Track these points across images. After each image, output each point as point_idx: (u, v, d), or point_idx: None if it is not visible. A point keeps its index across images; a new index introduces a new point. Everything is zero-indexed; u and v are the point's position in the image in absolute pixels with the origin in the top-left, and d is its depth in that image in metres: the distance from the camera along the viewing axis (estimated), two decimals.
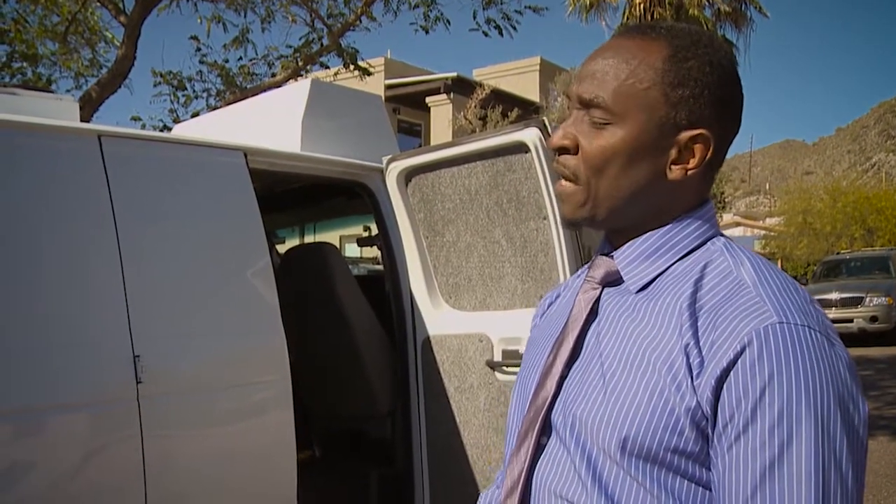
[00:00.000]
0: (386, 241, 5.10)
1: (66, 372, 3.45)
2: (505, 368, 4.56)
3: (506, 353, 4.56)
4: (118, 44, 11.84)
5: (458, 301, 4.86)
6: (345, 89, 5.98)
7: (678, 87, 1.34)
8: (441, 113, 28.14)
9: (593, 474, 1.31)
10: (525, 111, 26.46)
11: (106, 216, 3.67)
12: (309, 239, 7.66)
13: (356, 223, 7.66)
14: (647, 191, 1.38)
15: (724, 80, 1.37)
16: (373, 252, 8.53)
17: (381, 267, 7.12)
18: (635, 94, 1.35)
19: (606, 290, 1.45)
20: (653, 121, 1.35)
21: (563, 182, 1.43)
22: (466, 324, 4.77)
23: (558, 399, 1.40)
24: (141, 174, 3.89)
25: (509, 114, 25.48)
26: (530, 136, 4.25)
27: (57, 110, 4.53)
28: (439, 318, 4.89)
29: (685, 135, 1.35)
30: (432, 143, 25.79)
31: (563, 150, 1.41)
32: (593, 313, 1.44)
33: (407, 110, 28.68)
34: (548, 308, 1.69)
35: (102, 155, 3.74)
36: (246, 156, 4.30)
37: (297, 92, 5.32)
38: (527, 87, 30.81)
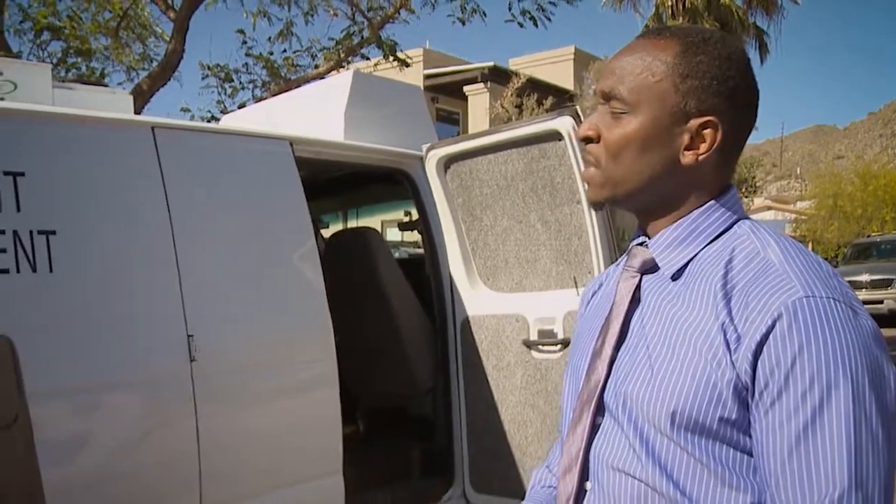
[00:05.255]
0: (426, 225, 5.16)
1: (125, 351, 3.54)
2: (541, 347, 4.62)
3: (541, 333, 4.61)
4: (167, 38, 11.98)
5: (495, 283, 4.92)
6: (385, 80, 6.03)
7: (687, 78, 1.41)
8: (478, 101, 28.12)
9: (646, 447, 1.38)
10: (560, 99, 26.37)
11: (160, 204, 3.75)
12: (352, 224, 7.72)
13: (397, 209, 7.71)
14: (662, 175, 1.45)
15: (732, 71, 1.44)
16: (413, 236, 8.58)
17: (421, 251, 7.18)
18: (648, 86, 1.43)
19: (645, 277, 1.51)
20: (664, 109, 1.42)
21: (588, 168, 1.51)
22: (503, 305, 4.83)
23: (609, 380, 1.47)
24: (192, 163, 3.96)
25: (544, 102, 25.40)
26: (563, 124, 4.29)
27: (112, 103, 4.63)
28: (477, 299, 4.95)
29: (695, 122, 1.42)
30: (470, 130, 25.78)
31: (588, 140, 1.49)
32: (635, 300, 1.51)
33: (445, 99, 28.66)
34: (591, 298, 1.74)
35: (156, 145, 3.82)
36: (292, 145, 4.37)
37: (340, 83, 5.38)
38: (561, 75, 30.68)
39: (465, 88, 28.53)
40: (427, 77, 27.33)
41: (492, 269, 4.92)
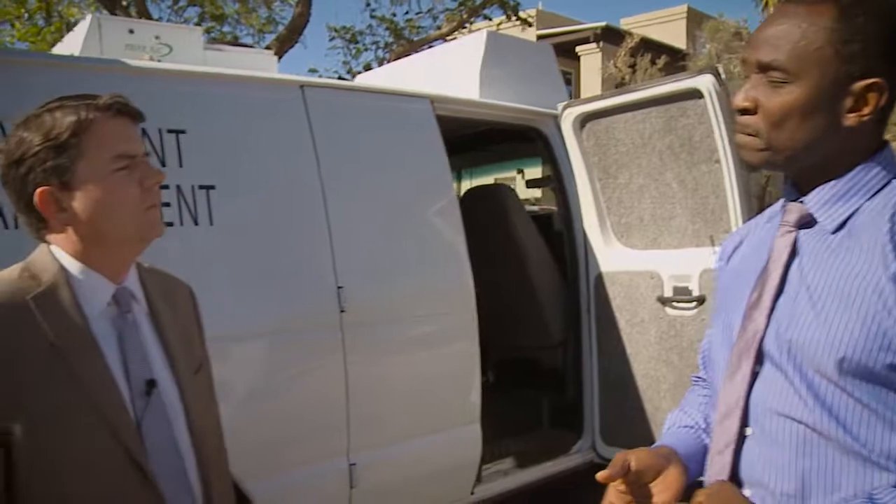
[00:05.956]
0: (559, 182, 5.12)
1: (280, 301, 3.62)
2: (675, 304, 4.55)
3: (676, 290, 4.55)
4: (292, 2, 12.13)
5: (629, 240, 4.86)
6: (517, 40, 5.98)
7: (848, 42, 1.37)
8: (590, 62, 27.73)
9: (812, 393, 1.37)
10: (673, 59, 25.82)
11: (310, 159, 3.80)
12: (466, 183, 7.69)
13: (510, 167, 7.68)
14: (823, 139, 1.41)
15: (891, 29, 1.39)
16: (531, 193, 8.54)
17: (536, 207, 7.15)
18: (809, 54, 1.38)
19: (801, 231, 1.49)
20: (827, 76, 1.38)
21: (744, 136, 1.48)
22: (638, 261, 4.78)
23: (769, 329, 1.45)
24: (340, 120, 3.99)
25: (657, 61, 24.91)
26: (705, 82, 4.21)
27: (258, 63, 4.69)
28: (611, 255, 4.91)
29: (859, 85, 1.38)
30: (582, 91, 25.45)
31: (744, 112, 1.46)
32: (792, 254, 1.48)
33: (557, 59, 28.30)
34: (732, 253, 1.71)
35: (305, 103, 3.87)
36: (432, 103, 4.37)
37: (475, 43, 5.35)
38: (673, 34, 29.98)
39: (578, 49, 28.13)
40: (540, 37, 26.98)
41: (626, 226, 4.86)
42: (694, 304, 4.46)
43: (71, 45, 4.49)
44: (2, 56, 3.94)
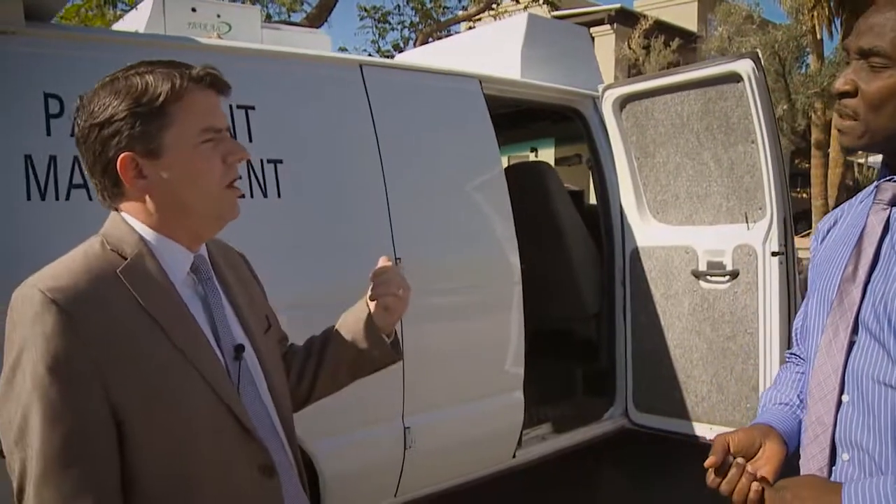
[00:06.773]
0: (596, 161, 5.18)
1: (345, 271, 3.58)
2: (709, 278, 4.63)
3: (710, 264, 4.63)
4: None
5: (665, 216, 4.94)
6: (556, 22, 6.04)
7: None
8: (604, 43, 27.60)
9: None
10: (686, 41, 25.74)
11: (370, 136, 3.87)
12: None
13: (524, 147, 7.70)
14: None
15: None
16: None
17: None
18: None
19: (895, 209, 1.53)
20: None
21: (845, 120, 1.53)
22: (673, 237, 4.86)
23: (866, 301, 1.50)
24: (396, 98, 4.06)
25: (670, 44, 24.82)
26: (744, 66, 4.27)
27: (313, 42, 4.74)
28: (647, 231, 4.99)
29: None
30: None
31: (844, 95, 1.51)
32: (885, 230, 1.53)
33: None
34: (827, 233, 1.76)
35: (364, 81, 3.93)
36: (481, 82, 4.43)
37: (516, 25, 5.39)
38: (685, 17, 29.84)
39: (592, 30, 27.94)
40: (554, 18, 26.94)
41: (662, 203, 4.94)
42: (727, 277, 4.54)
43: (134, 22, 4.54)
44: (72, 32, 4.00)
